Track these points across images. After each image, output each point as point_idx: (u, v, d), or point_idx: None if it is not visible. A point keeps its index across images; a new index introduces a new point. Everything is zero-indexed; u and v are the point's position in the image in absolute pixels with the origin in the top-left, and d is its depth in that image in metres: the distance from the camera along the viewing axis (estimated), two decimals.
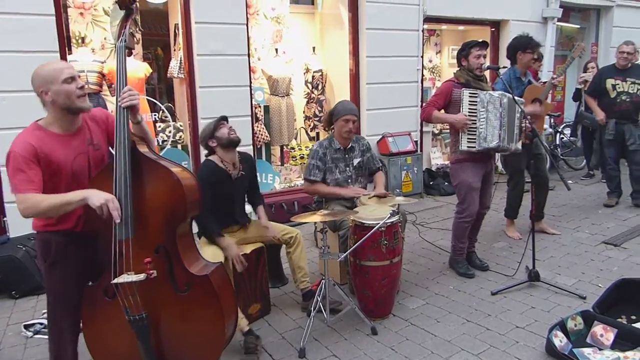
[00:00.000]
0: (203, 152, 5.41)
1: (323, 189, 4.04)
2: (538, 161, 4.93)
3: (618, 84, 5.83)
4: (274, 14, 6.96)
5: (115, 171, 2.35)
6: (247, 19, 5.78)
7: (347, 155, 4.10)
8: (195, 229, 2.97)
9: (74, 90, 2.32)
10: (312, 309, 3.31)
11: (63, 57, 4.77)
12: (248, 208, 3.85)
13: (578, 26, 9.76)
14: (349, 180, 4.11)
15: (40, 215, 2.33)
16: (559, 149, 8.32)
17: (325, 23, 7.39)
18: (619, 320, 3.16)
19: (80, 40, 5.84)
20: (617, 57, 5.90)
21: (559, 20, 8.54)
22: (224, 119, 3.57)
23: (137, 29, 2.70)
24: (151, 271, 2.36)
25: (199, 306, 2.51)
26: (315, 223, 4.84)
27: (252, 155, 3.79)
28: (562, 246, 4.89)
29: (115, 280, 2.31)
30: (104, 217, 2.24)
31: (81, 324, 2.57)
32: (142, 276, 2.32)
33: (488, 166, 4.24)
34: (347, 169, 4.10)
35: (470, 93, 3.95)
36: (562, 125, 8.60)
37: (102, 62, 5.73)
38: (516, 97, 4.04)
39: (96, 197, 2.24)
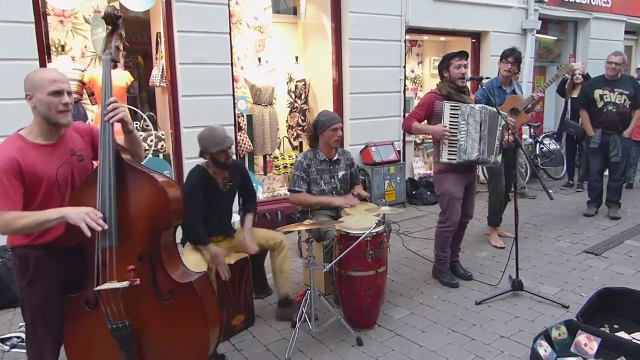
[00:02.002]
0: (185, 161, 5.45)
1: (309, 198, 4.02)
2: (500, 175, 5.00)
3: (605, 94, 5.88)
4: (256, 23, 6.96)
5: (99, 178, 2.32)
6: (230, 28, 5.76)
7: (332, 167, 4.10)
8: (178, 237, 2.92)
9: (56, 104, 2.28)
10: (297, 320, 3.28)
11: (42, 65, 4.68)
12: (233, 217, 3.82)
13: (556, 38, 9.95)
14: (334, 192, 4.11)
15: (14, 233, 2.28)
16: (539, 159, 8.44)
17: (308, 33, 7.40)
18: (602, 329, 3.19)
19: (60, 48, 5.75)
20: (606, 67, 5.95)
21: (538, 32, 8.69)
22: (229, 148, 3.43)
23: (124, 43, 2.75)
24: (134, 279, 2.32)
25: (182, 314, 2.47)
26: (299, 233, 4.81)
27: (242, 163, 3.76)
28: (544, 255, 4.93)
29: (98, 287, 2.28)
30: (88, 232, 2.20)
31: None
32: (125, 283, 2.29)
33: (471, 177, 4.28)
34: (332, 180, 4.10)
35: (451, 106, 3.99)
36: (542, 136, 8.71)
37: (82, 71, 5.65)
38: (498, 108, 4.08)
39: (74, 213, 2.20)
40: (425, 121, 4.22)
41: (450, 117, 3.98)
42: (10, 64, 4.37)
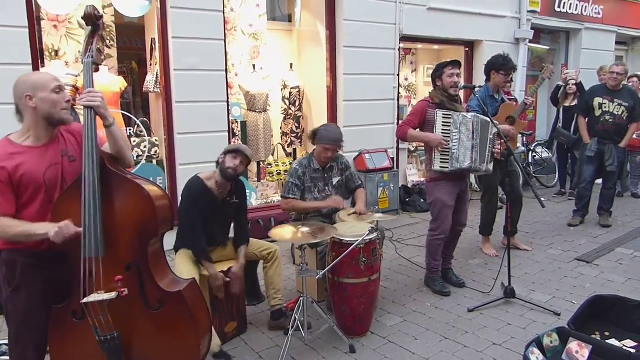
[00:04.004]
0: (179, 167, 5.45)
1: (300, 204, 4.02)
2: (512, 178, 5.00)
3: (605, 104, 5.90)
4: (251, 30, 6.97)
5: (83, 186, 2.27)
6: (225, 34, 5.78)
7: (326, 175, 4.11)
8: (168, 245, 2.91)
9: (61, 101, 2.30)
10: (290, 327, 3.27)
11: (36, 70, 4.67)
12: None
13: (548, 47, 10.04)
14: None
15: (5, 240, 2.28)
16: (531, 167, 8.49)
17: (303, 40, 7.43)
18: (593, 336, 3.20)
19: (53, 53, 5.73)
20: (608, 77, 6.00)
21: (530, 41, 8.78)
22: (237, 152, 3.48)
23: (104, 45, 2.68)
24: (122, 289, 2.29)
25: (172, 323, 2.45)
26: None
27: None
28: (536, 263, 4.95)
29: (85, 300, 2.24)
30: (69, 240, 2.19)
31: (48, 349, 2.47)
32: (113, 294, 2.26)
33: (463, 185, 4.29)
34: (327, 188, 4.10)
35: (443, 114, 4.01)
36: (534, 144, 8.77)
37: (76, 76, 5.62)
38: (492, 118, 4.10)
39: (54, 233, 2.17)
40: (419, 129, 4.24)
41: (443, 125, 4.00)
42: (3, 69, 4.35)
